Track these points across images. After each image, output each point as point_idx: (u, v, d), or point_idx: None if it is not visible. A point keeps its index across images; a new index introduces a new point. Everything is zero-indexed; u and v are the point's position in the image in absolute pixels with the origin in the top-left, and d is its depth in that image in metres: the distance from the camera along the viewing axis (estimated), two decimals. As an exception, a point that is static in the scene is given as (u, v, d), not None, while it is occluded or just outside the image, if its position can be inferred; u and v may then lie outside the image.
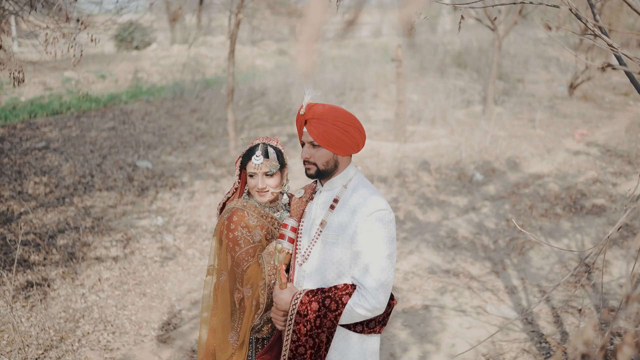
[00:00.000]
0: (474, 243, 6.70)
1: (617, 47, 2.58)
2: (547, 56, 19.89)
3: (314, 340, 2.50)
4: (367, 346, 2.63)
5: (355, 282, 2.49)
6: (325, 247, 2.57)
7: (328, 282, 2.56)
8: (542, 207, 7.71)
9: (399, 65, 11.09)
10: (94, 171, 8.11)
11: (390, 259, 2.49)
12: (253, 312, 2.75)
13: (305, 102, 2.59)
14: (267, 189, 2.82)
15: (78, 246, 6.07)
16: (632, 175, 8.95)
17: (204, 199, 7.64)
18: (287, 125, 11.54)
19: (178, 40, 23.23)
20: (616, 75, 17.96)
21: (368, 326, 2.58)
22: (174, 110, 11.50)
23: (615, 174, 9.04)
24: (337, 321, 2.48)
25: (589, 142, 11.03)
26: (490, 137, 10.96)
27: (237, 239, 2.76)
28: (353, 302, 2.45)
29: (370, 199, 2.53)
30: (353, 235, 2.51)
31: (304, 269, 2.65)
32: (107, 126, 10.18)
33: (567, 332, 4.85)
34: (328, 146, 2.54)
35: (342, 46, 26.11)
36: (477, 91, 14.90)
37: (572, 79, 15.07)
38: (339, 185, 2.64)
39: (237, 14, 7.43)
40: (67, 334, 4.72)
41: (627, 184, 8.58)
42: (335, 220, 2.58)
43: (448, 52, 18.60)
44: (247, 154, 2.86)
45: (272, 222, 2.88)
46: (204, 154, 9.33)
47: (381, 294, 2.45)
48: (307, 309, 2.49)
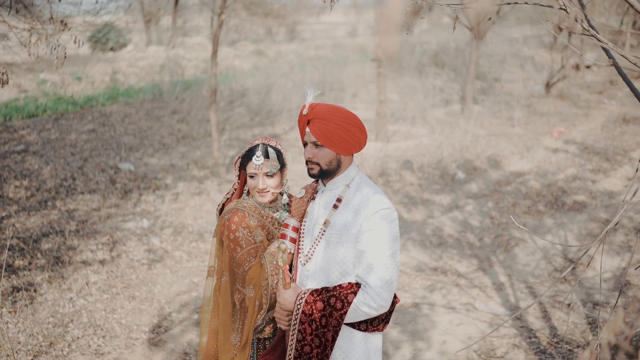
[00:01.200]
0: (459, 241, 6.77)
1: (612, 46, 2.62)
2: (522, 55, 20.16)
3: (320, 339, 2.51)
4: (370, 344, 2.64)
5: (360, 281, 2.50)
6: (328, 247, 2.58)
7: (332, 281, 2.57)
8: (524, 205, 7.81)
9: (379, 65, 11.14)
10: (75, 174, 8.01)
11: (394, 257, 2.51)
12: (256, 312, 2.75)
13: (307, 102, 2.59)
14: (267, 190, 2.82)
15: (63, 250, 5.99)
16: (610, 172, 9.12)
17: (188, 201, 7.59)
18: (268, 126, 11.52)
19: (154, 42, 23.05)
20: (590, 74, 18.28)
21: (372, 324, 2.60)
22: (154, 111, 11.41)
23: (593, 171, 9.20)
24: (342, 320, 2.49)
25: (566, 139, 11.21)
26: (470, 135, 11.07)
27: (238, 239, 2.75)
28: (358, 300, 2.47)
29: (374, 198, 2.55)
30: (357, 234, 2.52)
31: (307, 268, 2.66)
32: (86, 128, 10.06)
33: (555, 326, 4.92)
34: (331, 146, 2.55)
35: (319, 47, 26.13)
36: (455, 90, 15.03)
37: (548, 78, 15.29)
38: (342, 184, 2.65)
39: (219, 14, 7.40)
40: (56, 339, 4.66)
41: (606, 181, 8.74)
42: (338, 219, 2.59)
43: (425, 51, 18.73)
44: (246, 154, 2.85)
45: (273, 223, 2.88)
46: (186, 155, 9.27)
47: (386, 292, 2.47)
48: (313, 309, 2.50)
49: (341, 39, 32.01)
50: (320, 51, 24.59)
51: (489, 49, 18.11)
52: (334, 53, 23.74)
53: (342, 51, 24.41)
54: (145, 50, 20.85)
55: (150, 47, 21.18)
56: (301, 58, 20.70)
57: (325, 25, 42.35)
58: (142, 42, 23.05)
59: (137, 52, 20.74)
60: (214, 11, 7.76)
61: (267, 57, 22.22)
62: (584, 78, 17.58)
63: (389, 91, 14.50)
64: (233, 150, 9.85)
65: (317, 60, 20.37)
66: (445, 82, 15.87)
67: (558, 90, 15.28)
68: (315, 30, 37.57)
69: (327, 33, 37.67)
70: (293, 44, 28.49)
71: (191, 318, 5.05)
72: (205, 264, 6.06)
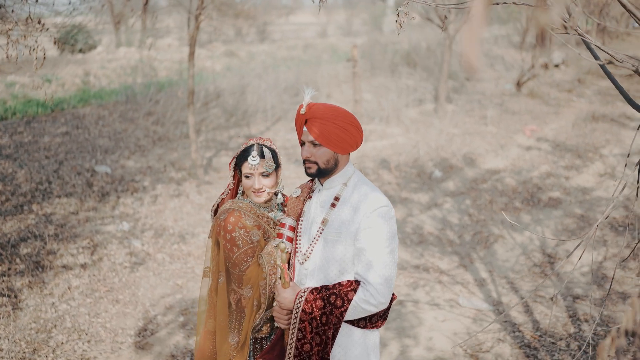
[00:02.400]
0: (440, 238, 6.84)
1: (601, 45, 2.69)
2: (492, 55, 20.43)
3: (321, 337, 2.52)
4: (369, 341, 2.67)
5: (360, 278, 2.53)
6: (327, 245, 2.60)
7: (331, 279, 2.59)
8: (501, 202, 7.93)
9: (354, 65, 11.20)
10: (51, 177, 7.89)
11: (392, 254, 2.54)
12: (254, 312, 2.75)
13: (305, 101, 2.61)
14: (263, 189, 2.82)
15: (43, 254, 5.90)
16: (583, 169, 9.31)
17: (167, 203, 7.54)
18: (244, 127, 11.49)
19: (124, 43, 22.78)
20: (558, 73, 18.62)
21: (370, 321, 2.62)
22: (128, 113, 11.29)
23: (566, 168, 9.38)
24: (342, 317, 2.51)
25: (539, 137, 11.41)
26: (445, 134, 11.19)
27: (235, 239, 2.75)
28: (358, 297, 2.49)
29: (372, 196, 2.58)
30: (356, 232, 2.54)
31: (306, 267, 2.67)
32: (60, 131, 9.90)
33: (537, 320, 5.02)
34: (329, 145, 2.57)
35: (291, 47, 26.12)
36: (428, 90, 15.17)
37: (518, 77, 15.54)
38: (339, 183, 2.67)
39: (197, 15, 7.36)
40: (40, 345, 4.59)
41: (579, 177, 8.92)
42: (337, 218, 2.61)
43: (397, 51, 18.86)
44: (241, 154, 2.85)
45: (268, 222, 2.89)
46: (163, 157, 9.19)
47: (385, 289, 2.50)
48: (312, 307, 2.51)
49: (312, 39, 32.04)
50: (292, 52, 24.58)
51: (460, 48, 18.29)
52: (305, 53, 23.75)
53: (313, 51, 24.43)
54: (115, 52, 20.60)
55: (121, 49, 20.93)
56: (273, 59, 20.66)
57: (295, 25, 42.39)
58: (112, 44, 22.76)
59: (107, 53, 20.48)
60: (190, 12, 7.71)
61: (239, 58, 22.13)
62: (553, 77, 17.90)
63: (364, 91, 14.58)
64: (210, 151, 9.80)
65: (290, 60, 20.36)
66: (417, 81, 16.01)
67: (528, 89, 15.54)
68: (285, 31, 37.59)
69: (297, 33, 37.71)
70: (264, 44, 28.44)
71: (177, 320, 5.02)
72: (189, 265, 6.03)
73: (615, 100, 14.83)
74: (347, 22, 41.21)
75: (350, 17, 41.18)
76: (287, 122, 12.00)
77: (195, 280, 5.73)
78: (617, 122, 12.52)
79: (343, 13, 44.38)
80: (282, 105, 12.89)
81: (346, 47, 25.04)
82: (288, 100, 13.49)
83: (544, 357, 4.45)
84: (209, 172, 8.76)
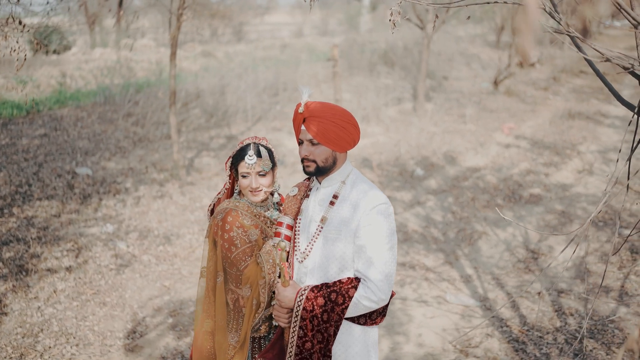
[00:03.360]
0: (424, 236, 6.90)
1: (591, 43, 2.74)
2: (468, 54, 20.64)
3: (322, 334, 2.53)
4: (369, 337, 2.69)
5: (360, 275, 2.54)
6: (327, 243, 2.61)
7: (331, 277, 2.60)
8: (483, 199, 8.02)
9: (335, 64, 11.22)
10: (31, 180, 7.77)
11: (392, 251, 2.57)
12: (254, 311, 2.75)
13: (303, 100, 2.62)
14: (260, 189, 2.83)
15: (27, 258, 5.81)
16: (562, 166, 9.45)
17: (151, 204, 7.48)
18: (224, 127, 11.44)
19: (99, 44, 22.50)
20: (534, 71, 18.86)
21: (370, 318, 2.64)
22: (107, 114, 11.17)
23: (545, 165, 9.52)
24: (343, 314, 2.52)
25: (517, 135, 11.55)
26: (425, 133, 11.27)
27: (233, 239, 2.75)
28: (359, 294, 2.51)
29: (371, 194, 2.60)
30: (356, 229, 2.56)
31: (305, 265, 2.68)
32: (38, 133, 9.76)
33: (524, 315, 5.09)
34: (327, 143, 2.58)
35: (267, 47, 26.06)
36: (407, 89, 15.26)
37: (495, 75, 15.71)
38: (338, 181, 2.69)
39: (179, 15, 7.31)
40: (27, 349, 4.53)
41: (558, 174, 9.06)
42: (336, 215, 2.62)
43: (375, 50, 18.94)
44: (238, 154, 2.85)
45: (265, 221, 2.89)
46: (144, 158, 9.11)
47: (386, 286, 2.53)
48: (314, 305, 2.52)
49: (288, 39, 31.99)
50: (269, 52, 24.51)
51: (437, 48, 18.46)
52: (283, 53, 23.70)
53: (291, 51, 24.40)
54: (90, 53, 20.35)
55: (96, 50, 20.68)
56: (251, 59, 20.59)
57: (271, 25, 42.33)
58: (87, 45, 22.47)
59: (82, 54, 20.22)
60: (172, 12, 7.65)
61: (217, 58, 22.02)
62: (529, 75, 18.14)
63: (343, 90, 14.61)
64: (191, 152, 9.75)
65: (268, 60, 20.31)
66: (396, 80, 16.10)
67: (505, 87, 15.72)
68: (261, 31, 37.51)
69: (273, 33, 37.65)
70: (240, 44, 28.34)
71: (166, 322, 4.99)
72: (175, 267, 5.99)
73: (590, 97, 15.08)
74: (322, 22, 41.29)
75: (326, 16, 41.28)
76: (268, 122, 11.98)
77: (182, 281, 5.70)
78: (592, 119, 12.73)
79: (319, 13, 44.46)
80: (262, 106, 12.86)
81: (323, 46, 25.06)
82: (267, 100, 13.46)
83: (532, 351, 4.52)
84: (191, 173, 8.71)
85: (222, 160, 9.45)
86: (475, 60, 19.74)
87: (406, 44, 18.36)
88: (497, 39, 22.20)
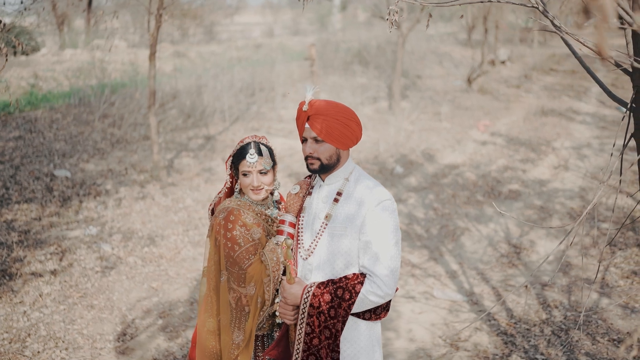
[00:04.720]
0: (408, 233, 6.96)
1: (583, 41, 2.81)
2: (439, 52, 20.85)
3: (330, 330, 2.56)
4: (373, 332, 2.72)
5: (366, 271, 2.57)
6: (332, 240, 2.64)
7: (337, 273, 2.63)
8: (463, 195, 8.13)
9: (312, 64, 11.26)
10: (8, 183, 7.64)
11: (397, 246, 2.60)
12: (258, 309, 2.76)
13: (307, 98, 2.64)
14: (262, 187, 2.84)
15: (9, 262, 5.72)
16: (538, 162, 9.63)
17: (133, 206, 7.41)
18: (202, 127, 11.38)
19: (68, 45, 22.15)
20: (505, 69, 19.14)
21: (375, 313, 2.67)
22: (82, 116, 11.02)
23: (522, 161, 9.68)
24: (350, 310, 2.55)
25: (492, 132, 11.72)
26: (403, 131, 11.37)
27: (235, 238, 2.75)
28: (366, 290, 2.53)
29: (375, 190, 2.63)
30: (361, 225, 2.59)
31: (310, 262, 2.70)
32: (12, 135, 9.59)
33: (510, 308, 5.18)
34: (331, 141, 2.60)
35: (240, 47, 25.96)
36: (381, 88, 15.36)
37: (469, 73, 15.90)
38: (341, 178, 2.71)
39: (159, 15, 7.25)
40: (14, 355, 4.46)
41: (535, 170, 9.22)
42: (341, 212, 2.64)
43: (349, 50, 19.02)
44: (239, 152, 2.86)
45: (266, 220, 2.90)
46: (123, 160, 9.03)
47: (391, 280, 2.56)
48: (320, 301, 2.55)
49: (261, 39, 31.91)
50: (242, 52, 24.43)
51: (409, 47, 18.61)
52: (257, 53, 23.64)
53: (264, 51, 24.35)
54: (61, 54, 20.03)
55: (67, 51, 20.37)
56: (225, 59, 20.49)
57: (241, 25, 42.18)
58: (56, 45, 22.11)
59: (52, 55, 19.90)
60: (150, 11, 7.59)
61: (189, 58, 21.86)
62: (500, 73, 18.41)
63: (318, 90, 14.63)
64: (170, 153, 9.68)
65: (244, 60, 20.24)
66: (371, 79, 16.19)
67: (478, 85, 15.93)
68: (232, 31, 37.35)
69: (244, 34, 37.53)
70: (212, 45, 28.18)
71: (156, 324, 4.96)
72: (162, 268, 5.96)
73: (561, 95, 15.37)
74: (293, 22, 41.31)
75: (297, 16, 41.29)
76: (245, 122, 11.96)
77: (170, 282, 5.67)
78: (565, 116, 12.98)
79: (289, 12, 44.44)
80: (239, 106, 12.83)
81: (296, 46, 25.06)
82: (244, 100, 13.43)
83: (521, 343, 4.61)
84: (172, 174, 8.65)
85: (202, 160, 9.41)
86: (447, 59, 19.96)
87: (379, 43, 18.49)
88: (468, 37, 22.49)
